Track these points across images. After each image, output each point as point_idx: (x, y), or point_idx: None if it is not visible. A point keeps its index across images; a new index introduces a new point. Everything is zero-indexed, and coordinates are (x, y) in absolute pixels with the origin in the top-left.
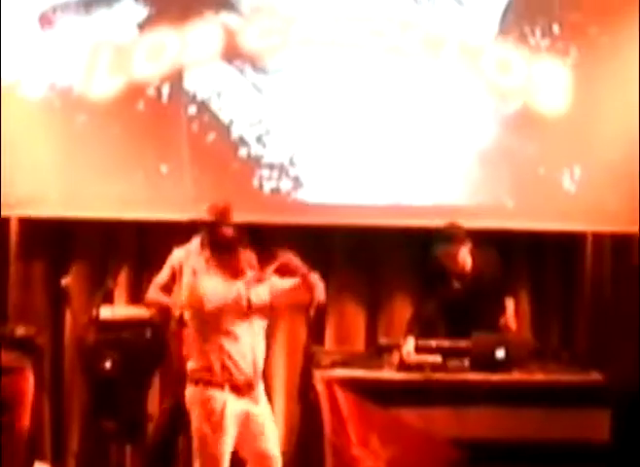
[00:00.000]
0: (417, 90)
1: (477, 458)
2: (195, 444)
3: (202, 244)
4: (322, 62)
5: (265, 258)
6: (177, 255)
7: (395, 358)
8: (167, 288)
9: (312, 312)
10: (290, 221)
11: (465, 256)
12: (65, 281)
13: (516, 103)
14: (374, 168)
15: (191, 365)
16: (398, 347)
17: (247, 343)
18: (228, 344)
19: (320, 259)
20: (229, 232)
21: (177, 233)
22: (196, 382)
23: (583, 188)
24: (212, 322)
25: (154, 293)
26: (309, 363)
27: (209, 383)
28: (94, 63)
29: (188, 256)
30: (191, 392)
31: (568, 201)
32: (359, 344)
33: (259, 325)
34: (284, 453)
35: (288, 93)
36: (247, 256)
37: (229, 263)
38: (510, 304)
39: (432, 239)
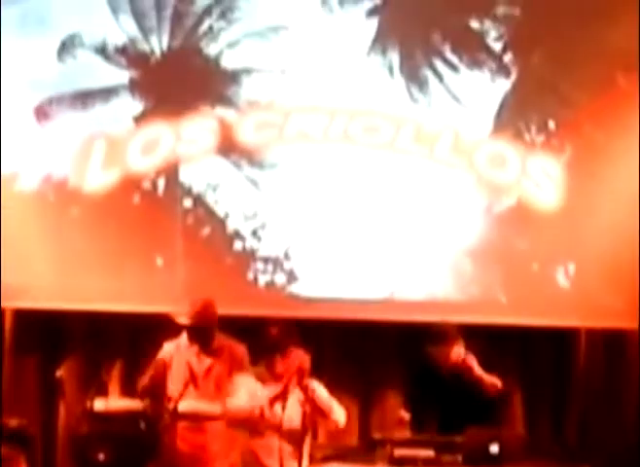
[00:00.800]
0: (411, 186)
1: None
2: None
3: (190, 340)
4: (317, 157)
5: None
6: (167, 348)
7: (386, 452)
8: (155, 381)
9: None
10: (284, 314)
11: (458, 353)
12: (60, 373)
13: (511, 199)
14: (368, 263)
15: None
16: (390, 442)
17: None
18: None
19: (313, 352)
20: (274, 330)
21: (170, 325)
22: None
23: (577, 284)
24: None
25: (142, 385)
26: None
27: None
28: (89, 156)
29: (178, 349)
30: None
31: (562, 297)
32: (352, 438)
33: None
34: None
35: (283, 188)
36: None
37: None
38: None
39: (424, 336)
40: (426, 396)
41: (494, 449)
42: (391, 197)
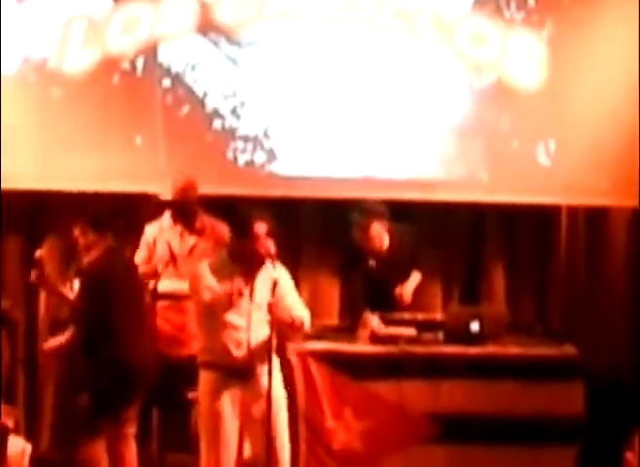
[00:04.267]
0: (391, 64)
1: (450, 432)
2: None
3: (174, 219)
4: (296, 35)
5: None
6: (150, 231)
7: (367, 331)
8: (145, 264)
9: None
10: (264, 193)
11: (379, 231)
12: (39, 253)
13: (491, 77)
14: (349, 142)
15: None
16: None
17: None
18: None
19: (293, 231)
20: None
21: (150, 205)
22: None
23: (557, 162)
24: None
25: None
26: (282, 336)
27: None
28: (68, 37)
29: (161, 230)
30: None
31: (543, 175)
32: (333, 317)
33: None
34: None
35: (262, 66)
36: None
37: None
38: (415, 277)
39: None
40: (353, 276)
41: (475, 326)
42: (371, 74)
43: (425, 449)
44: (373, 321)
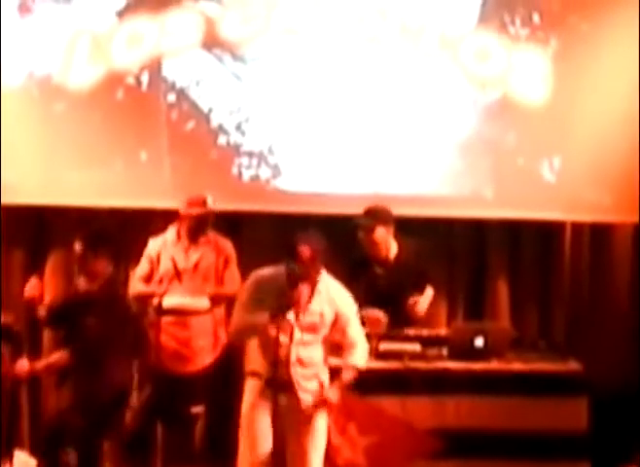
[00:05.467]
0: (396, 80)
1: (454, 448)
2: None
3: (179, 234)
4: (301, 51)
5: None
6: (154, 245)
7: (372, 346)
8: (147, 279)
9: None
10: (269, 209)
11: (384, 237)
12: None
13: (496, 93)
14: (354, 157)
15: None
16: (375, 336)
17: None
18: None
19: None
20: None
21: (155, 221)
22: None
23: (562, 178)
24: None
25: (136, 286)
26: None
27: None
28: (73, 52)
29: (165, 245)
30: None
31: (547, 191)
32: None
33: None
34: None
35: (267, 82)
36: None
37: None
38: (429, 291)
39: (355, 223)
40: (358, 282)
41: (479, 342)
42: (376, 90)
43: (430, 464)
44: (381, 316)
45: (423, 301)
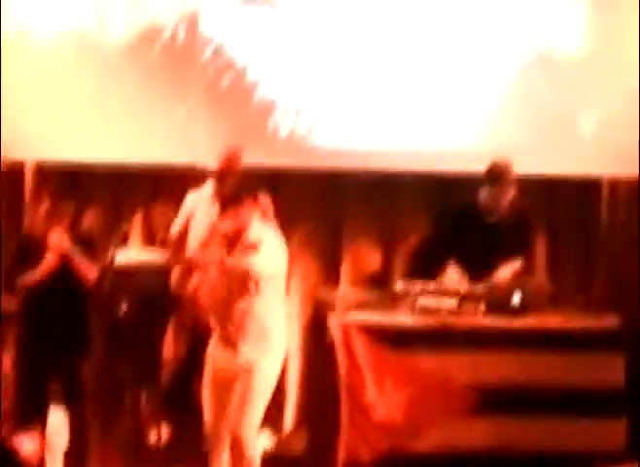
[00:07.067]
0: (435, 34)
1: (491, 403)
2: None
3: (214, 196)
4: (340, 6)
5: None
6: (190, 201)
7: (409, 301)
8: (182, 233)
9: None
10: (305, 165)
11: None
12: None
13: (534, 46)
14: (391, 113)
15: None
16: (413, 292)
17: None
18: None
19: (335, 202)
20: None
21: (192, 175)
22: None
23: (600, 131)
24: None
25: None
26: (323, 307)
27: None
28: (110, 8)
29: (200, 204)
30: None
31: (585, 145)
32: (374, 287)
33: None
34: (300, 398)
35: (306, 37)
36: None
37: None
38: (516, 262)
39: (480, 180)
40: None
41: (516, 299)
42: (416, 45)
43: (466, 420)
44: (454, 274)
45: (506, 270)
